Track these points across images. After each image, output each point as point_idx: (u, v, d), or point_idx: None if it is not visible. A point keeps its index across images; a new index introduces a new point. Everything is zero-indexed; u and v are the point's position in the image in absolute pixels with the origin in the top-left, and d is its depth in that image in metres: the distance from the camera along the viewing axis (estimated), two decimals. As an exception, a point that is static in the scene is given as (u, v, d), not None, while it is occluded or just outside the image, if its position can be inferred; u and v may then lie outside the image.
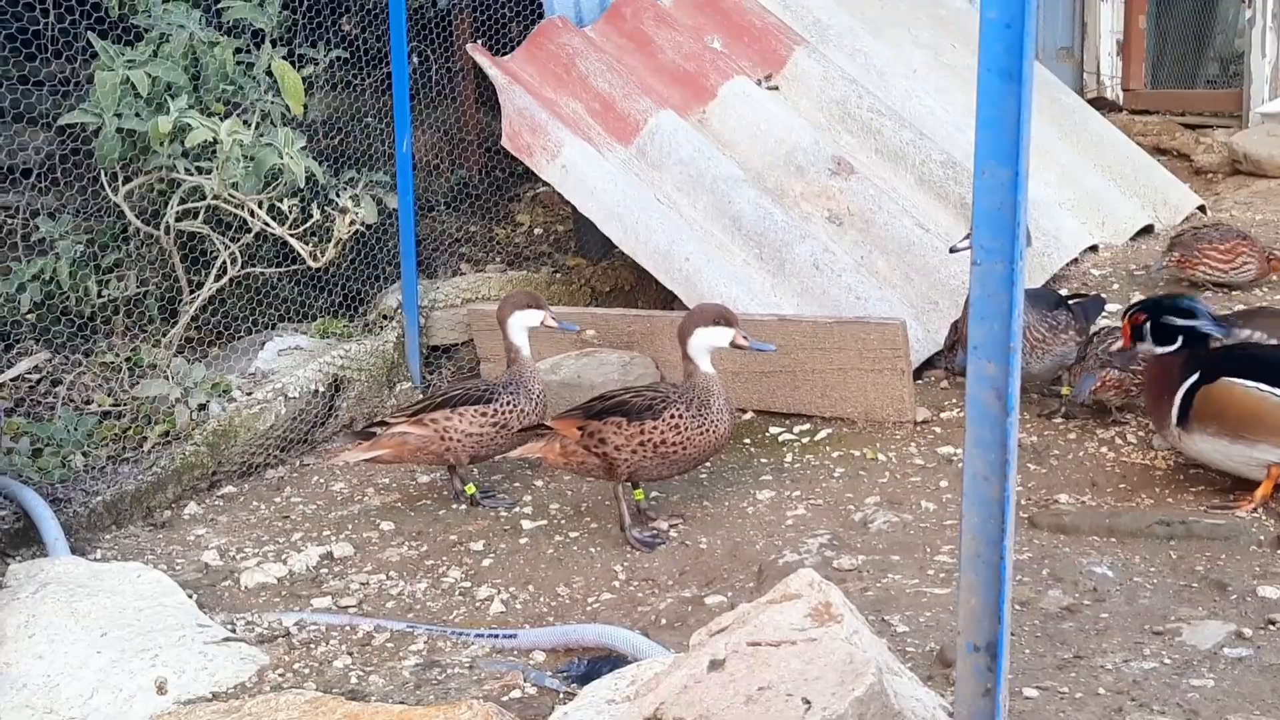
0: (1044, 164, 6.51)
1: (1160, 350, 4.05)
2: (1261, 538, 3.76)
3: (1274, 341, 4.43)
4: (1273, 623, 3.29)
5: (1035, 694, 3.00)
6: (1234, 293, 5.81)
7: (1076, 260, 6.35)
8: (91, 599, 3.67)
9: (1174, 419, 3.95)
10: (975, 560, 2.05)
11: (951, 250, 5.03)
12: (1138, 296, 5.95)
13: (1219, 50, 10.11)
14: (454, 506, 4.67)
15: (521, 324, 4.62)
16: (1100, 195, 6.71)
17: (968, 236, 4.91)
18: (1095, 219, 6.56)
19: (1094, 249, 6.45)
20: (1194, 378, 3.94)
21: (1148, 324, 4.07)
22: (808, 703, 2.30)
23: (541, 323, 4.64)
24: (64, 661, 3.43)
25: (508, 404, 4.53)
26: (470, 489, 4.65)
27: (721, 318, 4.16)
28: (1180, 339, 4.01)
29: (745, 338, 4.17)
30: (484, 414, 4.51)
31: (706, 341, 4.15)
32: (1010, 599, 2.06)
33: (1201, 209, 7.01)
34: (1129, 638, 3.27)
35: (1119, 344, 4.28)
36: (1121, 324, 4.21)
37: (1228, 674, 3.06)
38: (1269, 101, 8.26)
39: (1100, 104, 8.61)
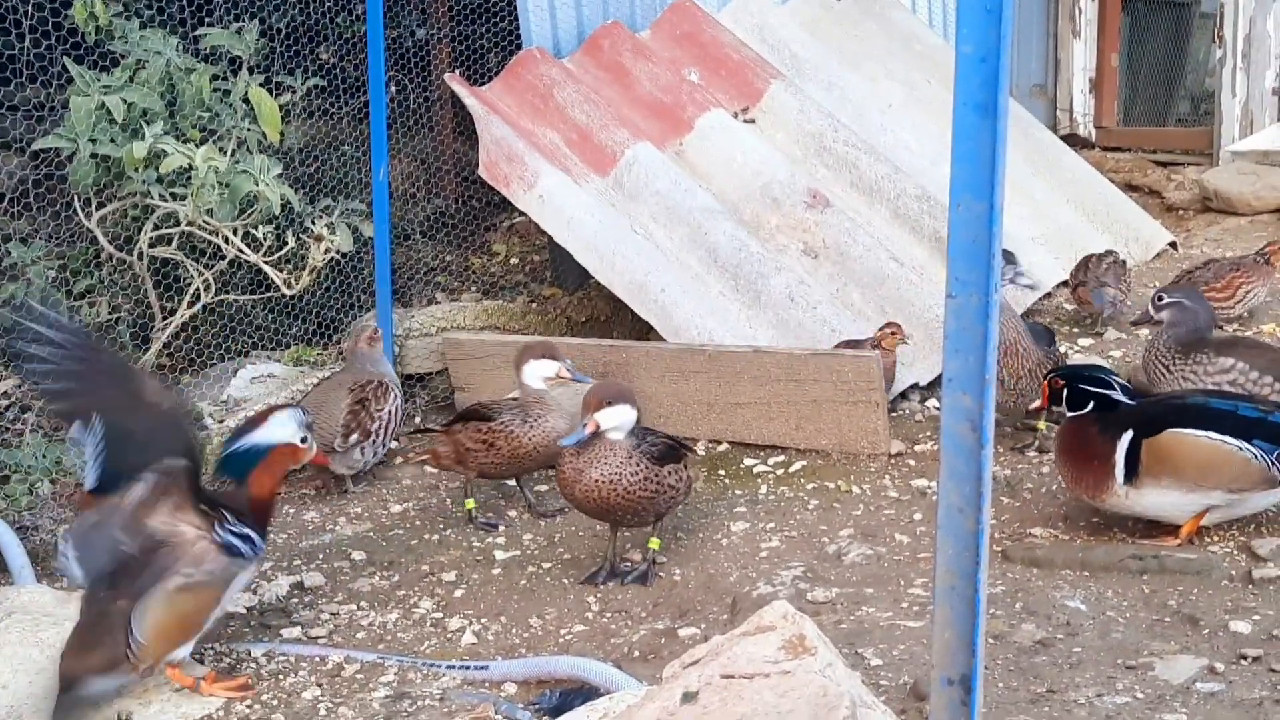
0: (1018, 199, 6.56)
1: (1071, 414, 4.09)
2: (1233, 572, 3.77)
3: (1255, 373, 4.47)
4: (1245, 657, 3.30)
5: (1009, 728, 3.00)
6: (1235, 327, 5.87)
7: (1050, 295, 6.39)
8: (57, 628, 3.61)
9: (1120, 477, 3.93)
10: (950, 593, 2.04)
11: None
12: (1111, 332, 6.01)
13: (1190, 89, 10.24)
14: (425, 537, 4.65)
15: (537, 374, 4.69)
16: (1073, 231, 6.76)
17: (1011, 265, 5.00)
18: (1068, 254, 6.60)
19: (1066, 284, 6.49)
20: (1129, 434, 3.93)
21: (1065, 389, 4.12)
22: (781, 736, 2.29)
23: (557, 374, 4.71)
24: (28, 691, 3.38)
25: (501, 425, 4.61)
26: (470, 504, 4.74)
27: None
28: (1091, 404, 4.06)
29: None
30: (479, 430, 4.62)
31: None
32: (984, 632, 2.05)
33: (1173, 245, 7.08)
34: (1102, 672, 3.27)
35: (1036, 403, 4.39)
36: (1040, 386, 4.32)
37: (1200, 709, 3.06)
38: (1239, 140, 8.35)
39: (1073, 140, 8.70)
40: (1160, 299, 4.78)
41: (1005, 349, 4.65)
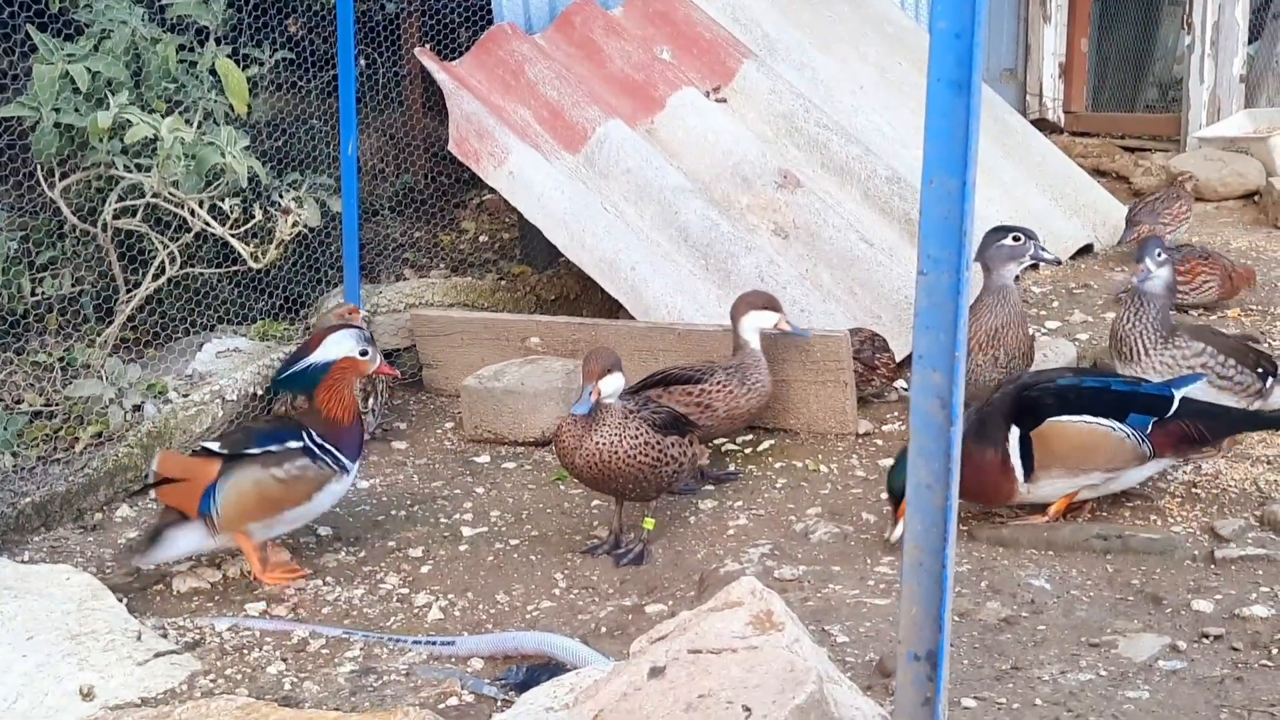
0: (988, 182, 6.57)
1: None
2: (1195, 552, 3.81)
3: (1221, 356, 4.51)
4: (1206, 636, 3.34)
5: (973, 704, 3.02)
6: (1199, 313, 5.91)
7: (1018, 278, 6.40)
8: (18, 601, 3.58)
9: (1020, 477, 3.95)
10: (917, 569, 2.05)
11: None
12: (1078, 314, 6.04)
13: (1158, 75, 10.29)
14: (392, 513, 4.62)
15: (754, 325, 4.72)
16: (1042, 214, 6.78)
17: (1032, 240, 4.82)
18: (1037, 237, 6.63)
19: (1035, 267, 6.51)
20: (1015, 431, 3.95)
21: None
22: (748, 710, 2.29)
23: (775, 325, 4.73)
24: (-12, 665, 3.34)
25: (719, 384, 4.59)
26: None
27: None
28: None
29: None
30: (689, 394, 4.53)
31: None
32: (951, 608, 2.06)
33: (1140, 231, 7.12)
34: (1066, 650, 3.30)
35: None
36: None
37: (1163, 686, 3.10)
38: (1207, 126, 8.41)
39: (1042, 125, 8.73)
40: (1160, 254, 4.62)
41: (1002, 327, 4.68)
